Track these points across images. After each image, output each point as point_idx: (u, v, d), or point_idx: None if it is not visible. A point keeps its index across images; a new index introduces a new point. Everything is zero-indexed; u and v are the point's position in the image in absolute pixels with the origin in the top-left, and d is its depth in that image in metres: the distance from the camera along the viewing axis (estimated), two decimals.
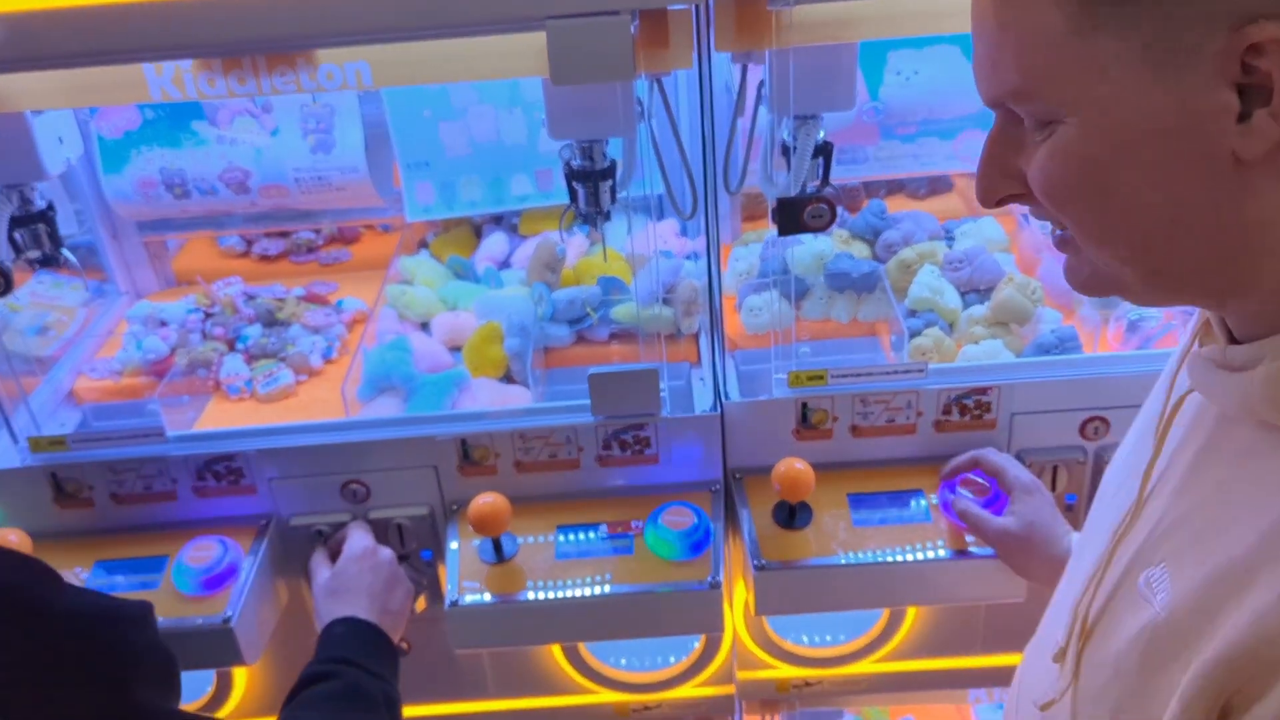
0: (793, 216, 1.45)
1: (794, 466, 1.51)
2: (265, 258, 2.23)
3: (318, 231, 2.27)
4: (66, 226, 2.04)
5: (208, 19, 1.24)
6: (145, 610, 0.78)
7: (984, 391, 1.57)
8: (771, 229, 1.50)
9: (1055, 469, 1.61)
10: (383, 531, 1.64)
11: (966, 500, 1.50)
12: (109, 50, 1.26)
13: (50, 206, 1.55)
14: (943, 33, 1.60)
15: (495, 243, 2.02)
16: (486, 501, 1.50)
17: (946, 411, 1.60)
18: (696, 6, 1.31)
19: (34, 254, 1.54)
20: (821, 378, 1.58)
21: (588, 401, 1.57)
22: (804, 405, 1.60)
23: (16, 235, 1.51)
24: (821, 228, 1.47)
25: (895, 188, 2.21)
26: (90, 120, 1.89)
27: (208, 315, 1.95)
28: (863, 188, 2.13)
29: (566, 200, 1.55)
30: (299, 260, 2.23)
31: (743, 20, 1.33)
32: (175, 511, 1.64)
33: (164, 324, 1.92)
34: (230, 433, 1.63)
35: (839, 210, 1.49)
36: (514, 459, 1.61)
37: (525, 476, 1.62)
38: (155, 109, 1.90)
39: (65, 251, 1.59)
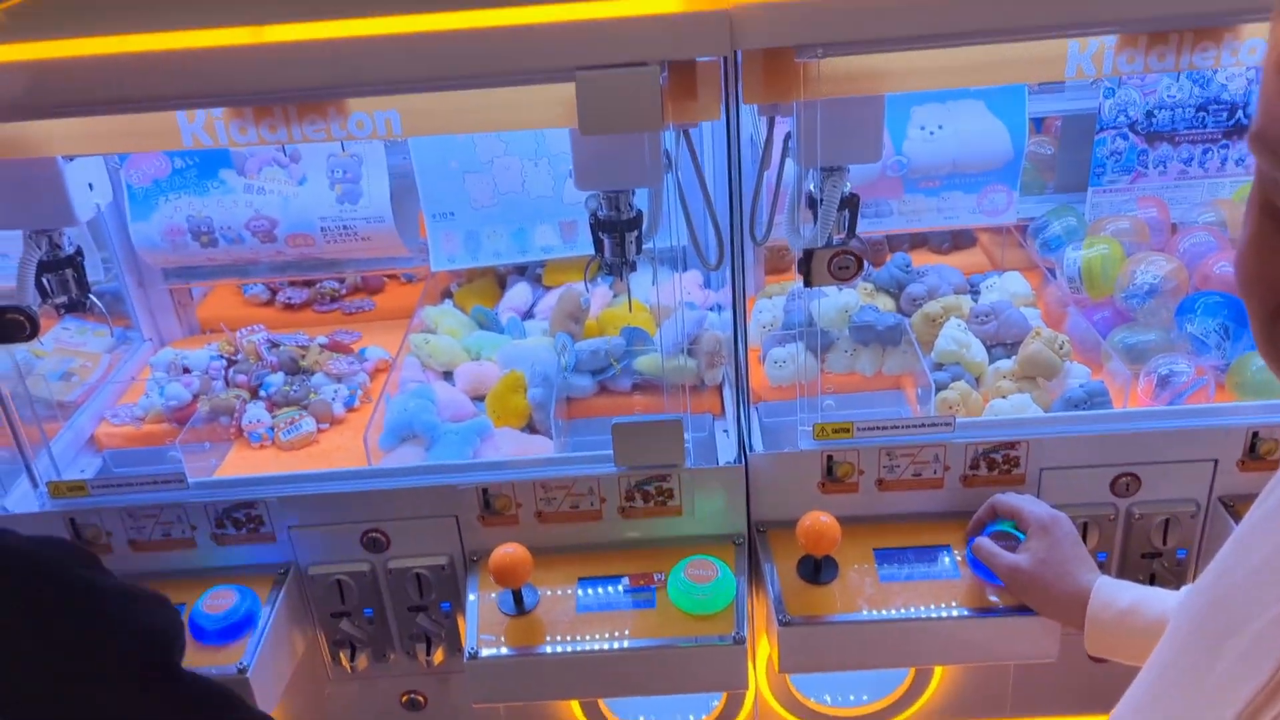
0: (818, 267, 1.45)
1: (819, 520, 1.49)
2: (289, 306, 2.24)
3: (342, 281, 2.28)
4: (94, 273, 2.05)
5: (241, 67, 1.26)
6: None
7: (1012, 446, 1.55)
8: (796, 281, 1.50)
9: (1085, 526, 1.58)
10: (402, 581, 1.62)
11: (984, 540, 1.47)
12: (142, 97, 1.28)
13: (79, 252, 1.56)
14: (968, 86, 1.61)
15: (519, 293, 2.02)
16: (507, 552, 1.48)
17: (974, 466, 1.58)
18: (725, 58, 1.31)
19: (61, 300, 1.55)
20: (847, 430, 1.57)
21: (610, 452, 1.56)
22: (829, 458, 1.58)
23: (45, 280, 1.52)
24: (847, 279, 1.46)
25: (919, 242, 2.21)
26: (120, 169, 1.92)
27: (231, 363, 1.95)
28: (886, 241, 2.13)
29: (591, 251, 1.55)
30: (323, 309, 2.24)
31: (771, 72, 1.34)
32: (193, 559, 1.63)
33: (187, 370, 1.92)
34: (251, 479, 1.62)
35: (864, 263, 1.48)
36: (536, 509, 1.59)
37: (547, 527, 1.61)
38: (185, 157, 1.92)
39: (92, 297, 1.59)
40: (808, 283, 1.47)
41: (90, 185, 1.52)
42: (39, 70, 1.25)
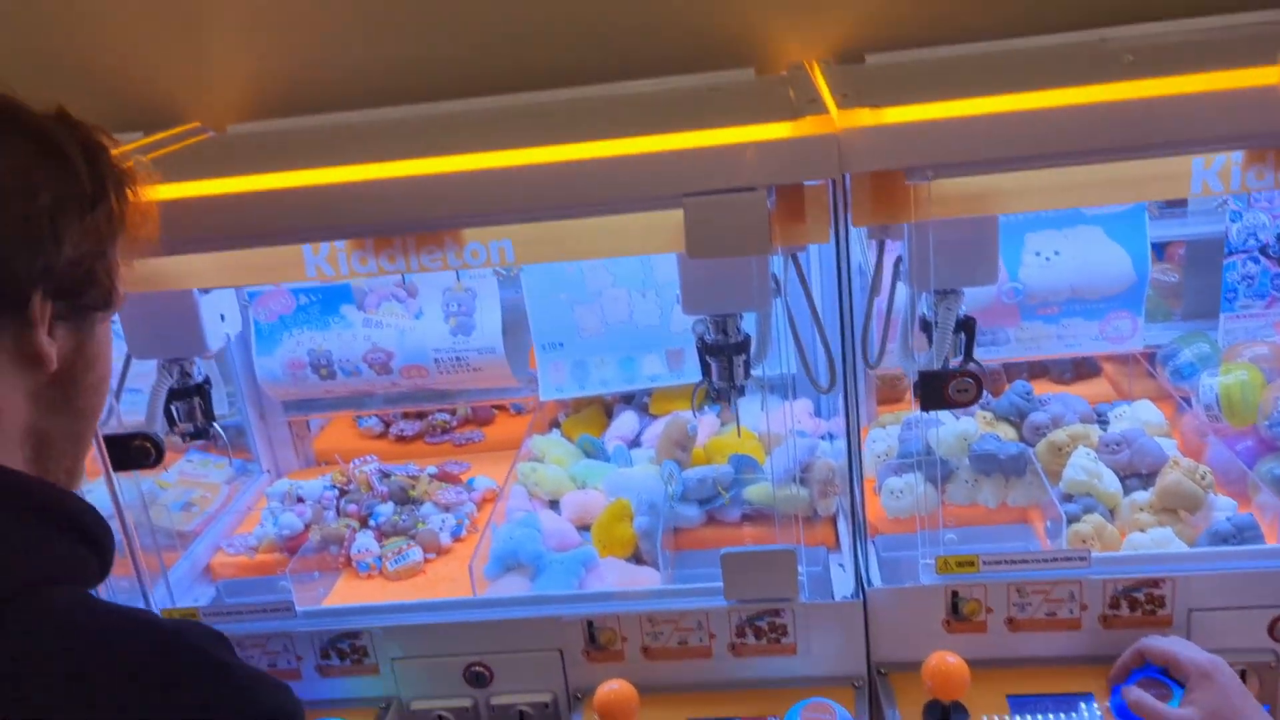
0: (937, 390, 1.40)
1: (946, 661, 1.39)
2: (401, 438, 2.27)
3: (453, 413, 2.31)
4: (219, 407, 2.13)
5: (364, 201, 1.31)
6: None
7: (1156, 584, 1.44)
8: (911, 410, 1.45)
9: (1243, 673, 1.44)
10: (504, 719, 1.57)
11: (1136, 689, 1.34)
12: (271, 231, 1.34)
13: (206, 381, 1.61)
14: (1086, 205, 1.57)
15: (625, 421, 2.01)
16: (613, 689, 1.42)
17: (1114, 605, 1.46)
18: (833, 181, 1.31)
19: (187, 427, 1.59)
20: (972, 564, 1.48)
21: (719, 584, 1.50)
22: (954, 594, 1.49)
23: (172, 408, 1.56)
24: (967, 403, 1.41)
25: (1039, 372, 2.14)
26: (249, 306, 2.00)
27: (343, 493, 1.98)
28: (1004, 370, 2.06)
29: (698, 379, 1.53)
30: (434, 441, 2.26)
31: (879, 195, 1.33)
32: (298, 692, 1.60)
33: (301, 500, 1.95)
34: (357, 609, 1.61)
35: (983, 387, 1.43)
36: (642, 644, 1.53)
37: (654, 664, 1.54)
38: (309, 294, 1.99)
39: (215, 425, 1.63)
40: (925, 407, 1.42)
41: (222, 316, 1.58)
42: (178, 209, 1.32)
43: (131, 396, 1.82)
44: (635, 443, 2.00)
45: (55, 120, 0.84)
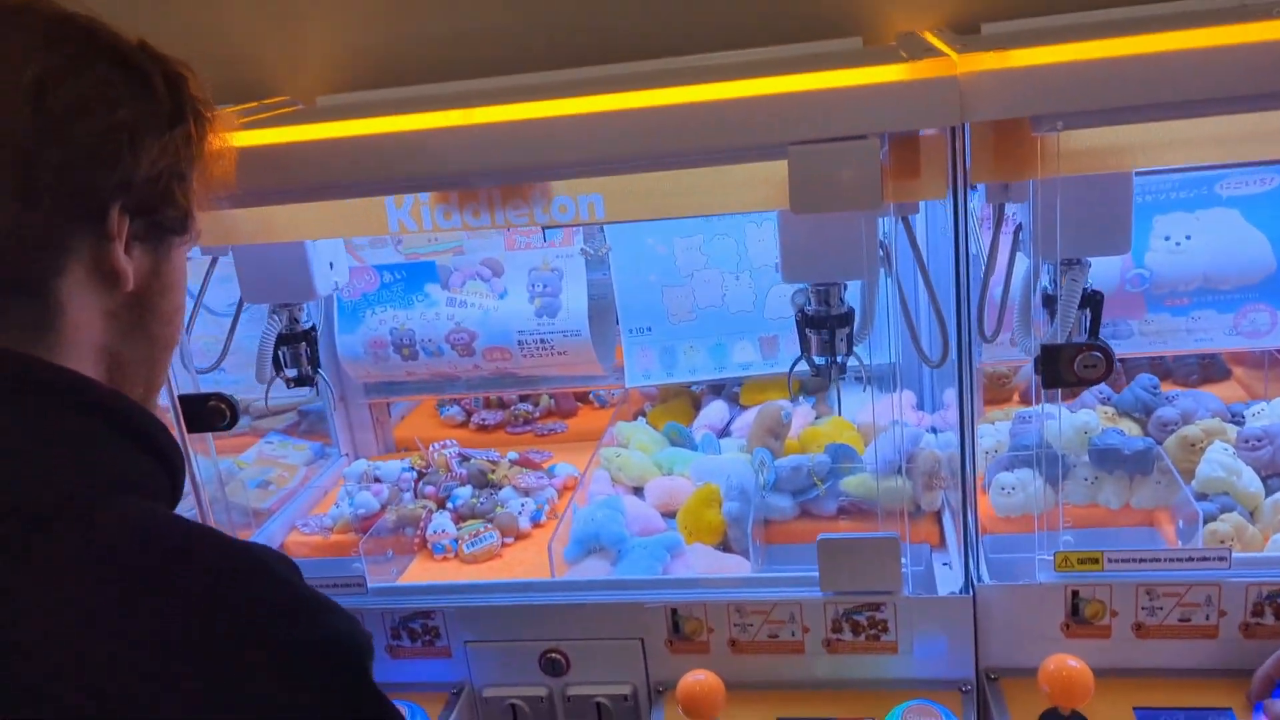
0: (1061, 366, 1.27)
1: (1067, 665, 1.26)
2: (483, 427, 2.22)
3: (535, 404, 2.25)
4: (300, 391, 2.10)
5: (450, 149, 1.24)
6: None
7: None
8: (1021, 407, 1.33)
9: None
10: (580, 711, 1.48)
11: None
12: (353, 181, 1.28)
13: (314, 328, 1.60)
14: (1237, 160, 1.43)
15: (714, 410, 1.92)
16: (698, 680, 1.32)
17: (1257, 613, 1.31)
18: (952, 130, 1.20)
19: (292, 372, 1.59)
20: (1096, 561, 1.35)
21: (815, 575, 1.39)
22: (1074, 594, 1.36)
23: (280, 353, 1.57)
24: (1094, 380, 1.29)
25: (1160, 372, 1.98)
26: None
27: (421, 475, 1.92)
28: (1123, 367, 1.91)
29: (792, 370, 1.44)
30: (516, 431, 2.20)
31: (1003, 148, 1.23)
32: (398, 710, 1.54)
33: (378, 480, 1.90)
34: (430, 587, 1.54)
35: (1114, 363, 1.30)
36: (729, 636, 1.43)
37: (741, 659, 1.44)
38: (394, 271, 1.95)
39: (321, 373, 1.63)
40: (1047, 385, 1.29)
41: (331, 264, 1.58)
42: (253, 157, 1.27)
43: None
44: (724, 433, 1.90)
45: (137, 46, 0.85)
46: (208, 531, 0.72)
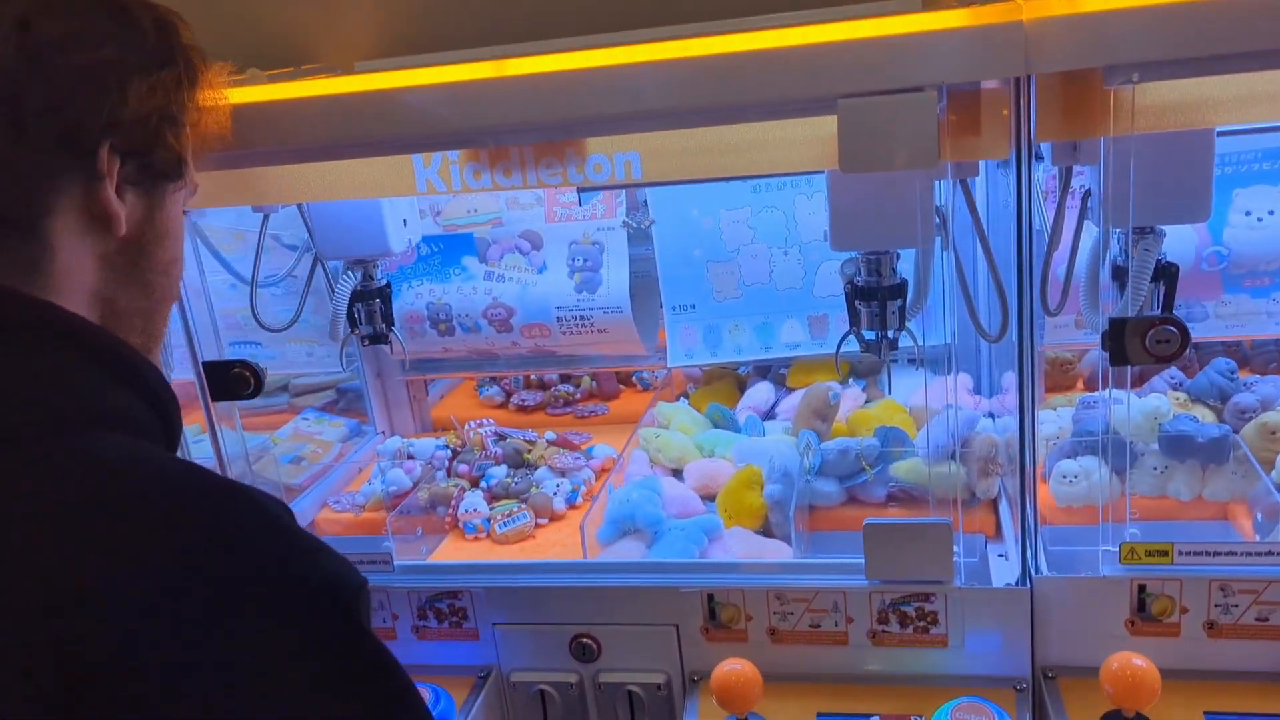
0: (1131, 342, 1.18)
1: (1132, 663, 1.16)
2: (523, 408, 2.16)
3: (576, 385, 2.19)
4: (333, 365, 2.07)
5: (480, 102, 1.18)
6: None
7: None
8: (1085, 393, 1.24)
9: None
10: (612, 700, 1.41)
11: None
12: (379, 138, 1.22)
13: (388, 285, 1.60)
14: None
15: (759, 392, 1.84)
16: (734, 669, 1.24)
17: None
18: (1016, 81, 1.11)
19: (366, 330, 1.60)
20: (1166, 554, 1.25)
21: (860, 563, 1.31)
22: (1141, 589, 1.26)
23: (354, 310, 1.57)
24: (1168, 358, 1.18)
25: (1238, 357, 1.86)
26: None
27: (455, 454, 1.87)
28: (1196, 353, 1.80)
29: (840, 345, 1.36)
30: (555, 412, 2.15)
31: (1071, 102, 1.13)
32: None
33: (411, 457, 1.85)
34: (457, 566, 1.49)
35: (1189, 339, 1.20)
36: (768, 625, 1.35)
37: (781, 649, 1.36)
38: (431, 244, 1.90)
39: (394, 331, 1.63)
40: (1115, 361, 1.20)
41: (404, 221, 1.58)
42: (272, 111, 1.22)
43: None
44: (769, 415, 1.82)
45: None
46: (195, 466, 0.70)
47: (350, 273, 1.56)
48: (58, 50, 0.75)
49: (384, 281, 1.60)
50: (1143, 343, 1.18)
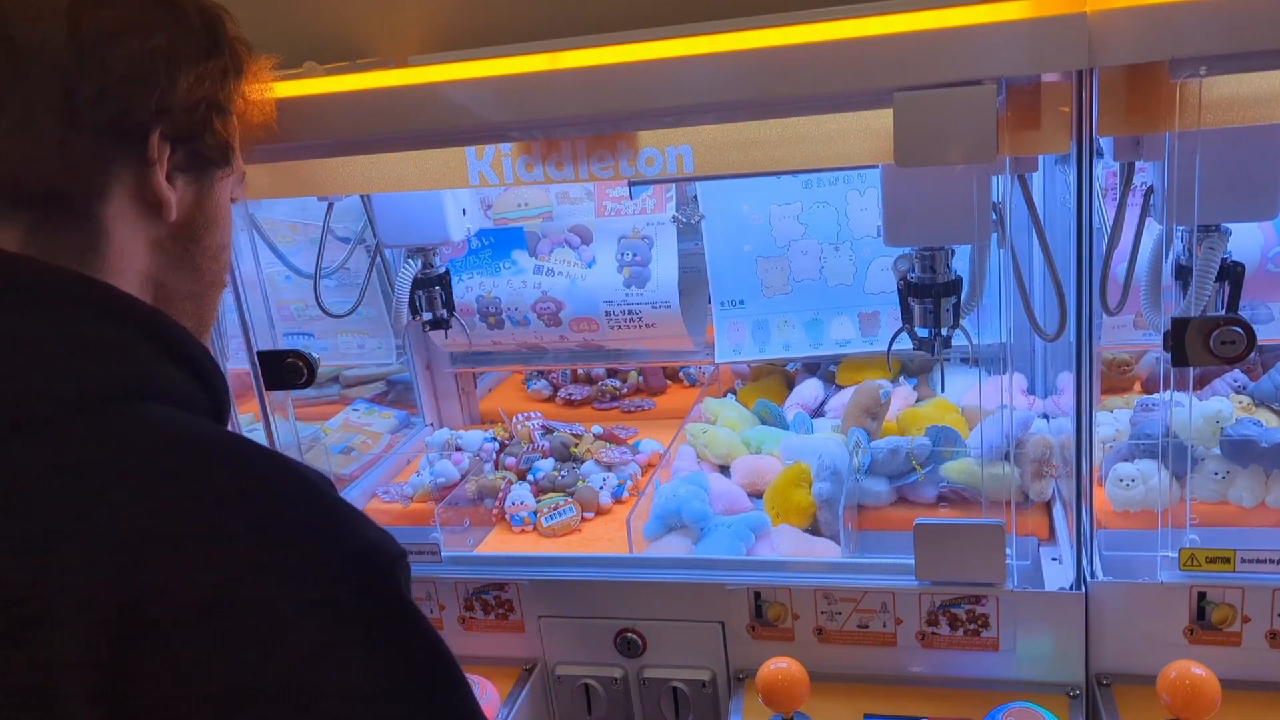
0: (1193, 342, 1.15)
1: (1191, 673, 1.13)
2: (570, 402, 2.17)
3: (623, 380, 2.19)
4: (386, 357, 2.09)
5: (533, 95, 1.18)
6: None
7: None
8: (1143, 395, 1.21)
9: None
10: (657, 695, 1.41)
11: None
12: (433, 129, 1.23)
13: (447, 272, 1.63)
14: None
15: (808, 389, 1.83)
16: (780, 668, 1.23)
17: None
18: (1078, 75, 1.09)
19: (428, 315, 1.63)
20: (1228, 561, 1.22)
21: (910, 563, 1.29)
22: (1201, 596, 1.23)
23: (416, 296, 1.60)
24: (1232, 359, 1.15)
25: None
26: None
27: (503, 446, 1.88)
28: (1260, 355, 1.75)
29: (893, 342, 1.34)
30: (602, 407, 2.15)
31: (1136, 96, 1.11)
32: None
33: (459, 449, 1.86)
34: (504, 558, 1.49)
35: (1255, 340, 1.16)
36: (815, 624, 1.34)
37: (828, 648, 1.35)
38: (482, 238, 1.91)
39: (457, 316, 1.66)
40: (1176, 362, 1.17)
41: (464, 210, 1.61)
42: (322, 104, 1.23)
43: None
44: (818, 412, 1.81)
45: None
46: (241, 436, 0.71)
47: (411, 260, 1.59)
48: (108, 40, 0.76)
49: (444, 269, 1.63)
50: (1206, 344, 1.15)
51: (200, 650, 0.59)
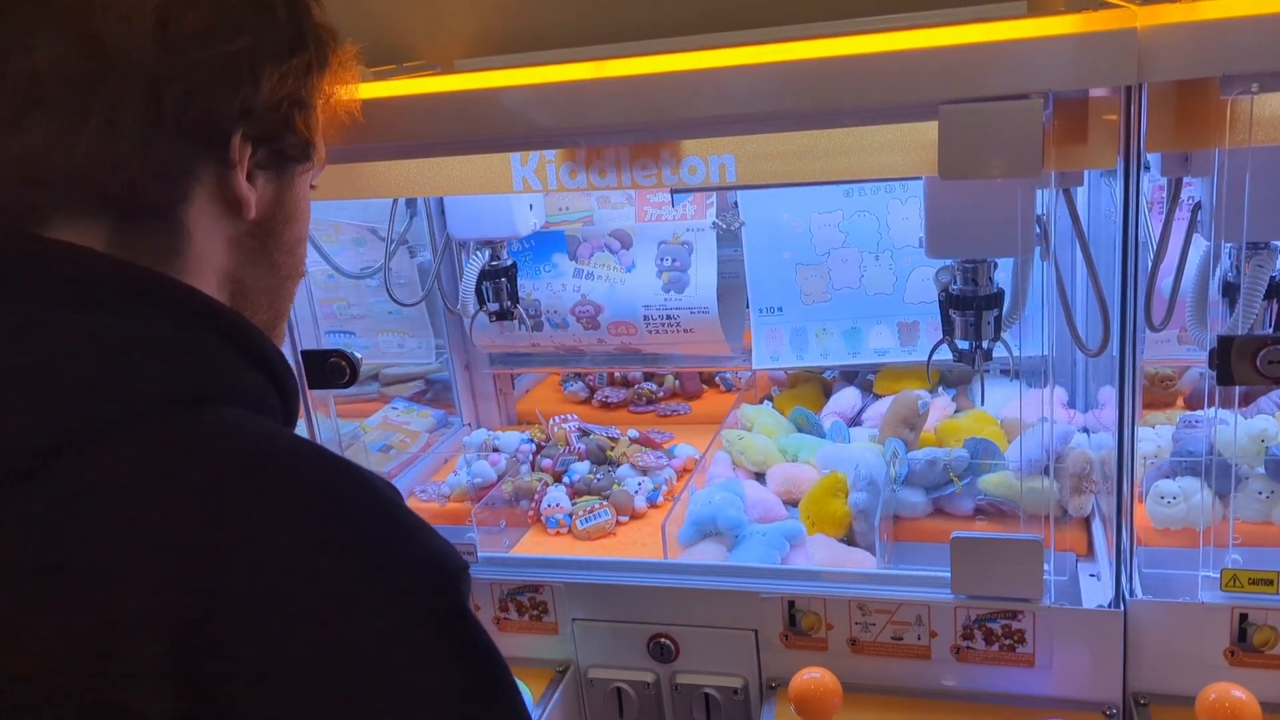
0: (1240, 360, 1.13)
1: (1231, 696, 1.12)
2: (606, 404, 2.18)
3: (660, 384, 2.19)
4: (425, 356, 2.11)
5: (579, 103, 1.19)
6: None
7: None
8: (1185, 411, 1.19)
9: None
10: (688, 701, 1.41)
11: None
12: (473, 135, 1.24)
13: (514, 264, 1.69)
14: None
15: (846, 397, 1.82)
16: (813, 677, 1.24)
17: None
18: (1126, 94, 1.08)
19: (493, 306, 1.69)
20: (1271, 583, 1.20)
21: (946, 576, 1.29)
22: (1243, 617, 1.21)
23: (482, 288, 1.67)
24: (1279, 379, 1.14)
25: None
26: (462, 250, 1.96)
27: (539, 448, 1.89)
28: None
29: (932, 354, 1.34)
30: (638, 410, 2.16)
31: (1185, 111, 1.09)
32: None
33: (496, 450, 1.88)
34: (541, 560, 1.50)
35: None
36: (849, 635, 1.34)
37: (862, 660, 1.34)
38: (524, 241, 1.92)
39: (520, 308, 1.71)
40: (1221, 380, 1.15)
41: (530, 206, 1.68)
42: (378, 108, 1.25)
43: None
44: (855, 421, 1.80)
45: None
46: (314, 444, 0.72)
47: (479, 251, 1.66)
48: (195, 42, 0.75)
49: (510, 261, 1.68)
50: (1253, 362, 1.14)
51: (270, 662, 0.59)
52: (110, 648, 0.58)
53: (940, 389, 1.81)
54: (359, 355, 1.44)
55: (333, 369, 1.43)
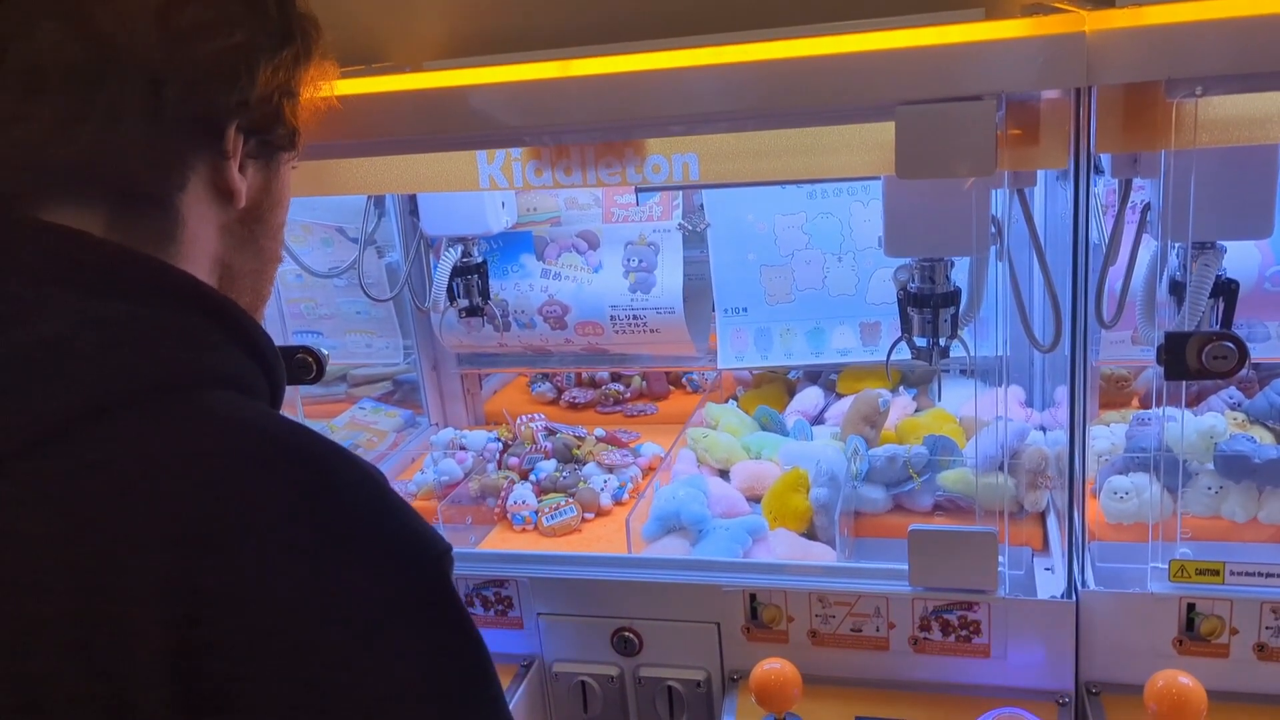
0: (1186, 356, 1.17)
1: (1178, 682, 1.15)
2: (573, 405, 2.19)
3: (627, 385, 2.21)
4: (393, 356, 2.12)
5: (544, 102, 1.21)
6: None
7: None
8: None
9: None
10: (651, 694, 1.43)
11: None
12: (447, 132, 1.26)
13: (485, 262, 1.72)
14: None
15: (809, 396, 1.85)
16: (773, 668, 1.25)
17: None
18: (1077, 92, 1.11)
19: (464, 303, 1.71)
20: (1217, 573, 1.24)
21: (905, 569, 1.31)
22: (1190, 607, 1.25)
23: (453, 284, 1.70)
24: (1224, 374, 1.17)
25: None
26: (431, 249, 1.97)
27: (506, 447, 1.90)
28: (1255, 373, 1.77)
29: (891, 351, 1.36)
30: (605, 410, 2.17)
31: (1133, 115, 1.13)
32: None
33: (463, 449, 1.88)
34: (505, 555, 1.51)
35: (1247, 356, 1.19)
36: (809, 627, 1.36)
37: (821, 651, 1.37)
38: (491, 241, 1.93)
39: (491, 304, 1.74)
40: (1170, 375, 1.19)
41: (502, 204, 1.71)
42: (345, 106, 1.26)
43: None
44: (818, 420, 1.83)
45: None
46: (303, 426, 0.73)
47: (452, 248, 1.68)
48: (194, 38, 0.77)
49: (481, 258, 1.70)
50: (1199, 358, 1.17)
51: (261, 642, 0.61)
52: (105, 633, 0.59)
53: (901, 388, 1.84)
54: (326, 352, 1.45)
55: (299, 365, 1.44)
